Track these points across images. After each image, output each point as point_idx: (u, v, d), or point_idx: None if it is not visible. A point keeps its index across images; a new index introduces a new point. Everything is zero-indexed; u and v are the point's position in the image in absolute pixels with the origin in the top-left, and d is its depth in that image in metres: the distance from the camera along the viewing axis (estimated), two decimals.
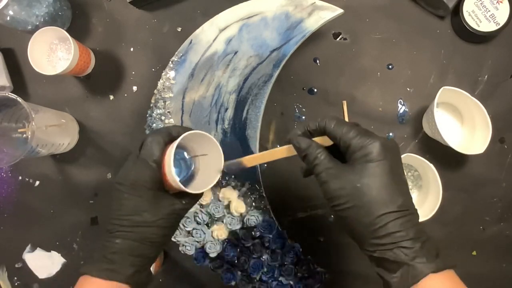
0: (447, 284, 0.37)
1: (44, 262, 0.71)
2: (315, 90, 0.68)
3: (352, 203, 0.38)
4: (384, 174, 0.38)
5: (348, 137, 0.40)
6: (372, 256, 0.39)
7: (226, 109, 0.63)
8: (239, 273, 0.61)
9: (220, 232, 0.59)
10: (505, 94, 0.65)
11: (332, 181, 0.39)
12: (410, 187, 0.65)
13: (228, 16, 0.62)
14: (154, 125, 0.64)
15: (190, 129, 0.46)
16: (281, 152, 0.47)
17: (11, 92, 0.68)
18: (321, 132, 0.43)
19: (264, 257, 0.60)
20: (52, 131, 0.64)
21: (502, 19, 0.62)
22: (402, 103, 0.66)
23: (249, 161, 0.54)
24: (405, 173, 0.65)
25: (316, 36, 0.66)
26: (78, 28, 0.71)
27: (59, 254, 0.71)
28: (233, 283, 0.61)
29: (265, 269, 0.60)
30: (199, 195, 0.47)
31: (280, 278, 0.60)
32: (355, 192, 0.38)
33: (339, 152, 0.42)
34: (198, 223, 0.60)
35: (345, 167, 0.40)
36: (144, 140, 0.45)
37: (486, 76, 0.66)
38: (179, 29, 0.70)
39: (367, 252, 0.39)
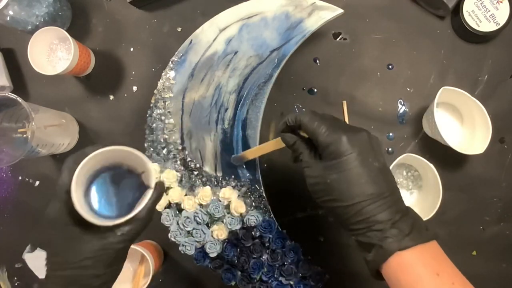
0: (415, 261, 0.39)
1: (44, 262, 0.70)
2: (315, 90, 0.68)
3: (326, 197, 0.42)
4: (351, 167, 0.40)
5: (317, 134, 0.42)
6: (353, 239, 0.43)
7: (226, 109, 0.63)
8: (239, 273, 0.61)
9: (220, 232, 0.59)
10: (505, 94, 0.65)
11: (310, 178, 0.44)
12: (410, 187, 0.65)
13: (228, 16, 0.62)
14: (154, 125, 0.64)
15: (110, 147, 0.40)
16: (275, 144, 0.51)
17: (11, 92, 0.68)
18: (299, 126, 0.45)
19: (264, 257, 0.60)
20: (52, 131, 0.64)
21: (502, 19, 0.62)
22: (402, 103, 0.66)
23: (250, 153, 0.59)
24: (405, 173, 0.65)
25: (316, 36, 0.66)
26: (78, 28, 0.71)
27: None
28: (233, 283, 0.61)
29: (265, 269, 0.60)
30: (142, 220, 0.40)
31: (280, 278, 0.60)
32: (327, 187, 0.42)
33: None
34: (198, 223, 0.60)
35: (319, 164, 0.43)
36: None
37: (486, 76, 0.66)
38: (179, 29, 0.70)
39: (350, 235, 0.43)
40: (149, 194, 0.40)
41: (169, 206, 0.62)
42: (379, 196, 0.40)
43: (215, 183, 0.63)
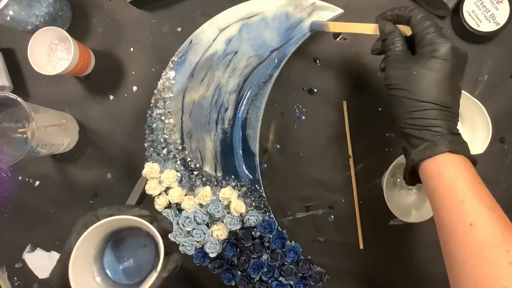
0: (462, 164, 0.41)
1: (44, 262, 0.71)
2: (315, 90, 0.68)
3: (402, 86, 0.44)
4: (441, 72, 0.42)
5: (425, 32, 0.44)
6: (403, 132, 0.45)
7: (226, 109, 0.63)
8: (239, 273, 0.61)
9: (220, 232, 0.59)
10: (505, 94, 0.65)
11: (395, 65, 0.45)
12: (410, 187, 0.65)
13: (228, 16, 0.62)
14: (154, 125, 0.64)
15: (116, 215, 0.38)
16: (367, 28, 0.52)
17: (11, 92, 0.68)
18: (407, 20, 0.47)
19: (264, 257, 0.60)
20: (52, 131, 0.64)
21: (502, 19, 0.62)
22: None
23: (334, 26, 0.57)
24: None
25: (316, 36, 0.66)
26: (78, 28, 0.71)
27: (59, 254, 0.71)
28: (233, 283, 0.61)
29: (265, 269, 0.60)
30: None
31: (280, 278, 0.60)
32: (409, 77, 0.43)
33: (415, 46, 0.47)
34: (198, 223, 0.60)
35: (411, 57, 0.46)
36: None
37: (486, 76, 0.66)
38: (179, 29, 0.70)
39: (400, 128, 0.45)
40: (152, 277, 0.37)
41: (169, 206, 0.62)
42: (449, 109, 0.43)
43: (215, 183, 0.63)
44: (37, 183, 0.72)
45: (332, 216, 0.67)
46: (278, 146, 0.68)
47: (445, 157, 0.41)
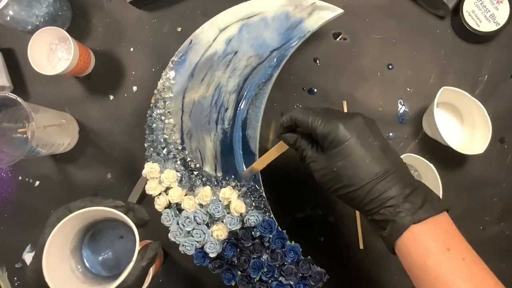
0: (427, 234, 0.40)
1: None
2: (315, 90, 0.68)
3: (336, 185, 0.43)
4: (354, 151, 0.42)
5: (314, 127, 0.44)
6: (368, 220, 0.44)
7: (226, 109, 0.63)
8: (239, 273, 0.61)
9: (220, 232, 0.59)
10: (505, 94, 0.65)
11: (317, 171, 0.45)
12: None
13: (228, 16, 0.62)
14: (154, 125, 0.64)
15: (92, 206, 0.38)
16: (277, 149, 0.52)
17: (11, 92, 0.68)
18: (295, 124, 0.47)
19: (264, 257, 0.60)
20: (52, 131, 0.64)
21: (502, 19, 0.62)
22: (402, 103, 0.66)
23: (257, 164, 0.58)
24: None
25: (316, 36, 0.66)
26: (78, 28, 0.72)
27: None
28: (233, 283, 0.61)
29: (265, 269, 0.60)
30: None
31: (280, 278, 0.60)
32: (335, 176, 0.43)
33: None
34: (198, 223, 0.60)
35: (322, 156, 0.45)
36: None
37: (486, 76, 0.66)
38: (179, 29, 0.70)
39: (365, 217, 0.44)
40: (129, 267, 0.36)
41: (169, 206, 0.62)
42: (386, 173, 0.41)
43: (215, 183, 0.63)
44: (37, 183, 0.72)
45: (332, 216, 0.67)
46: None
47: (410, 233, 0.40)
